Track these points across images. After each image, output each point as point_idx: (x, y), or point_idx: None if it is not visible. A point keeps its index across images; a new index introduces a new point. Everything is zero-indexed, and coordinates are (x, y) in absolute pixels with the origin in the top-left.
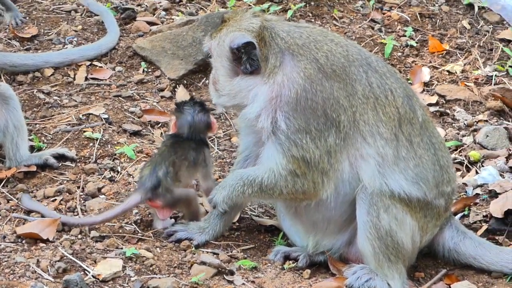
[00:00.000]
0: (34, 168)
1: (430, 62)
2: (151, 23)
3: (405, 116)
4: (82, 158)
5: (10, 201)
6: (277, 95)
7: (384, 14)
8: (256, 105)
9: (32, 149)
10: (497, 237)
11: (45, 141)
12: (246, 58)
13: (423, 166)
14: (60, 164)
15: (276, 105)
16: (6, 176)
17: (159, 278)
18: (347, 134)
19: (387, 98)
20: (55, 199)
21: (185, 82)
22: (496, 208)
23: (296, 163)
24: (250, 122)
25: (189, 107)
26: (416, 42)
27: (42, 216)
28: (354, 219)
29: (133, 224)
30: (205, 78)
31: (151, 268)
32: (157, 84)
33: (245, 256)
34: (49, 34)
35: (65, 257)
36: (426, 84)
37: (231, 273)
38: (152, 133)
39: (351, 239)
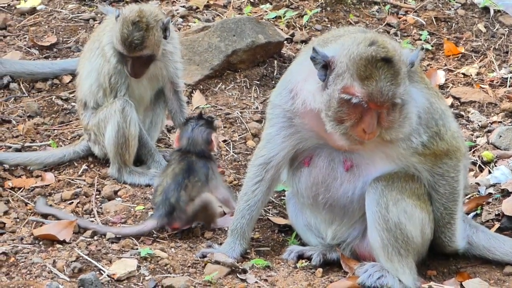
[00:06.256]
0: None
1: (446, 65)
2: None
3: None
4: (99, 162)
5: (27, 205)
6: None
7: (399, 18)
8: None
9: None
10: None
11: (63, 146)
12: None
13: None
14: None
15: None
16: (25, 187)
17: (173, 277)
18: None
19: None
20: (72, 202)
21: (201, 87)
22: (508, 207)
23: None
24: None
25: (192, 120)
26: (432, 46)
27: (58, 219)
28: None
29: None
30: (221, 83)
31: (165, 268)
32: None
33: (259, 255)
34: (68, 42)
35: (81, 258)
36: (441, 87)
37: (244, 271)
38: (169, 138)
39: (365, 230)
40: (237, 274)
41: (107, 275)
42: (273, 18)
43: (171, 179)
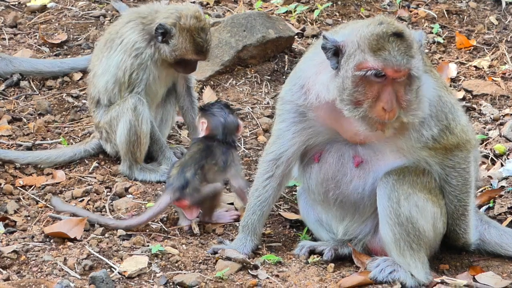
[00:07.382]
0: None
1: (457, 58)
2: None
3: None
4: (110, 159)
5: (38, 203)
6: None
7: (411, 11)
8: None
9: None
10: None
11: (74, 143)
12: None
13: None
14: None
15: None
16: (35, 185)
17: (184, 274)
18: None
19: None
20: (83, 199)
21: (212, 83)
22: None
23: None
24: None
25: (219, 109)
26: (443, 39)
27: (76, 216)
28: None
29: (159, 222)
30: (231, 79)
31: (176, 264)
32: None
33: (270, 251)
34: (78, 39)
35: (91, 255)
36: (453, 80)
37: (256, 267)
38: (179, 134)
39: (377, 226)
40: (249, 270)
41: (118, 272)
42: (283, 13)
43: (189, 157)
